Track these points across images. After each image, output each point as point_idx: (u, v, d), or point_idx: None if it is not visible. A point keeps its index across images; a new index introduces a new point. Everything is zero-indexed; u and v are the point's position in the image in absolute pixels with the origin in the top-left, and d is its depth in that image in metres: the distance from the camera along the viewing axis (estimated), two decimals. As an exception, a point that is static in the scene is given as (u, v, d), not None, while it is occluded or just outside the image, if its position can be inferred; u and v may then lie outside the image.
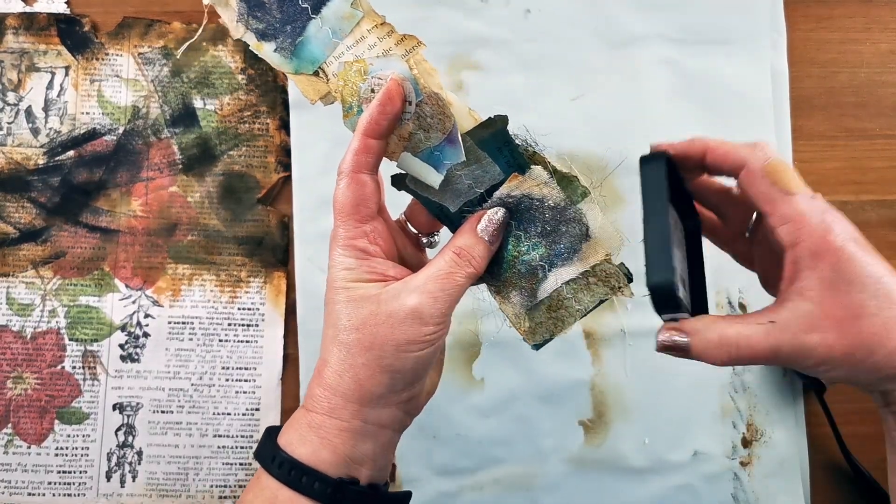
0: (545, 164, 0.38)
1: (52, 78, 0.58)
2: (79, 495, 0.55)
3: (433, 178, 0.38)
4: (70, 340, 0.56)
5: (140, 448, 0.55)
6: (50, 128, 0.57)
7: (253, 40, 0.38)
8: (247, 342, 0.56)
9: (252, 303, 0.56)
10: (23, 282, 0.56)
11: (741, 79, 0.58)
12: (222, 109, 0.58)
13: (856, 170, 0.58)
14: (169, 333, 0.56)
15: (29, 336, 0.56)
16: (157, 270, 0.56)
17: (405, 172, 0.39)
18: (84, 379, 0.55)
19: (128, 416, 0.55)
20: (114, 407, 0.55)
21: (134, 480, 0.55)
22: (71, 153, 0.57)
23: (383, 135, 0.36)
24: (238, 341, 0.56)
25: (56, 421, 0.55)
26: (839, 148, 0.59)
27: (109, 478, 0.55)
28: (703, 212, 0.41)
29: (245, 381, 0.56)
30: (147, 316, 0.56)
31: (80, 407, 0.55)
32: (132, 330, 0.56)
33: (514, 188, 0.38)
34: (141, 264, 0.56)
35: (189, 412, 0.55)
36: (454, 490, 0.55)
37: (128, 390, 0.55)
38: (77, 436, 0.55)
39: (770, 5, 0.59)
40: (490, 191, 0.38)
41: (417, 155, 0.38)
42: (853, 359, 0.32)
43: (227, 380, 0.56)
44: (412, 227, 0.41)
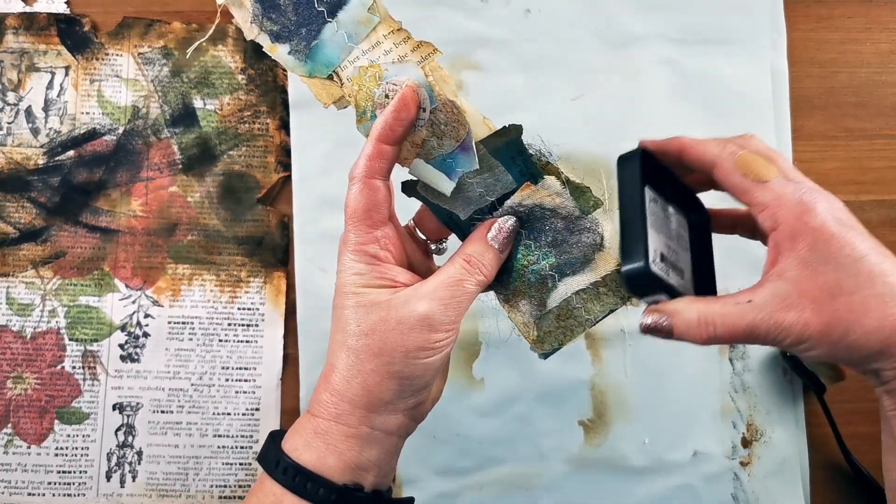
0: (558, 175, 0.38)
1: (52, 78, 0.58)
2: (79, 495, 0.55)
3: (445, 186, 0.38)
4: (70, 340, 0.56)
5: (140, 448, 0.55)
6: (50, 128, 0.57)
7: (267, 42, 0.38)
8: (247, 342, 0.56)
9: (252, 303, 0.56)
10: (23, 282, 0.56)
11: (741, 79, 0.58)
12: (222, 109, 0.58)
13: (856, 170, 0.58)
14: (169, 333, 0.56)
15: (29, 336, 0.56)
16: (157, 270, 0.56)
17: (416, 179, 0.38)
18: (84, 379, 0.55)
19: (128, 416, 0.55)
20: (114, 407, 0.55)
21: (134, 480, 0.55)
22: (71, 153, 0.57)
23: (397, 141, 0.36)
24: (238, 341, 0.56)
25: (56, 421, 0.55)
26: (839, 148, 0.59)
27: (109, 478, 0.55)
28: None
29: (245, 381, 0.56)
30: (147, 316, 0.56)
31: (80, 407, 0.55)
32: (132, 330, 0.56)
33: (527, 197, 0.38)
34: (141, 264, 0.56)
35: (189, 412, 0.55)
36: (454, 490, 0.55)
37: (128, 390, 0.55)
38: (77, 436, 0.55)
39: (770, 5, 0.59)
40: (501, 199, 0.38)
41: (430, 162, 0.38)
42: (830, 337, 0.32)
43: (227, 380, 0.56)
44: (421, 234, 0.41)
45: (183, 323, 0.56)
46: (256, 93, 0.58)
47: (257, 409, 0.56)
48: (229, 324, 0.56)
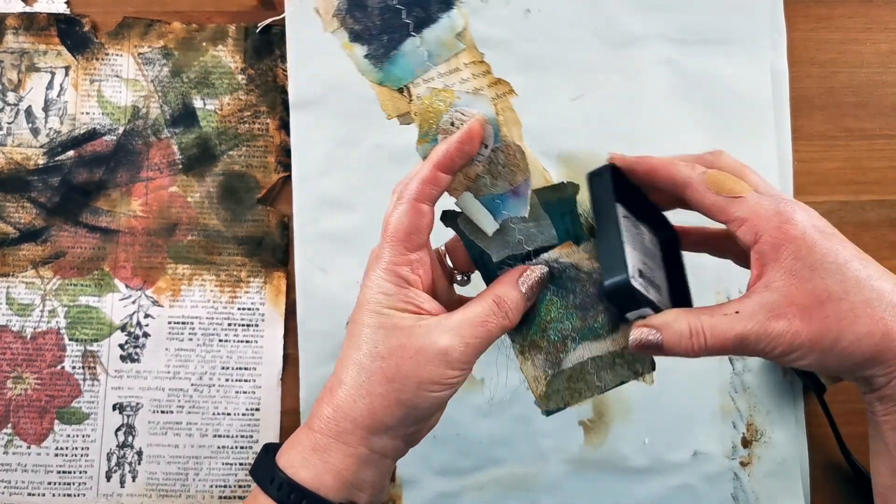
0: None
1: (52, 78, 0.58)
2: (79, 495, 0.55)
3: (488, 225, 0.38)
4: (70, 340, 0.56)
5: (140, 448, 0.55)
6: (50, 128, 0.57)
7: (344, 38, 0.37)
8: (247, 342, 0.56)
9: (252, 303, 0.56)
10: (23, 282, 0.56)
11: (741, 79, 0.58)
12: (222, 109, 0.58)
13: (856, 170, 0.58)
14: (169, 333, 0.56)
15: (29, 336, 0.56)
16: (157, 270, 0.56)
17: (459, 210, 0.38)
18: (84, 379, 0.55)
19: (128, 417, 0.55)
20: (114, 407, 0.55)
21: (134, 480, 0.55)
22: (71, 153, 0.57)
23: (453, 171, 0.36)
24: (238, 341, 0.56)
25: (56, 421, 0.55)
26: (839, 148, 0.59)
27: (109, 478, 0.55)
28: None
29: (245, 381, 0.56)
30: (147, 316, 0.56)
31: (80, 407, 0.55)
32: (132, 330, 0.56)
33: (565, 255, 0.38)
34: (141, 264, 0.56)
35: (189, 412, 0.55)
36: (454, 490, 0.55)
37: (128, 390, 0.55)
38: (77, 436, 0.55)
39: (770, 5, 0.59)
40: (538, 251, 0.38)
41: (479, 198, 0.37)
42: (821, 345, 0.32)
43: (227, 380, 0.56)
44: (450, 262, 0.40)
45: (183, 323, 0.56)
46: (256, 93, 0.58)
47: (257, 409, 0.56)
48: (229, 324, 0.56)
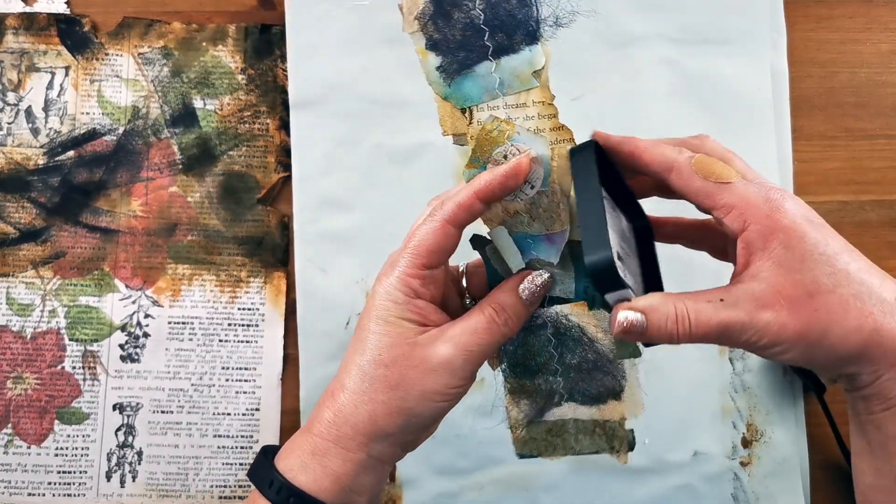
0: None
1: (52, 78, 0.58)
2: (79, 495, 0.55)
3: (514, 262, 0.37)
4: (70, 340, 0.56)
5: (140, 448, 0.55)
6: (50, 128, 0.57)
7: (421, 44, 0.36)
8: (247, 342, 0.56)
9: (252, 303, 0.56)
10: (23, 282, 0.56)
11: (741, 79, 0.58)
12: (222, 109, 0.58)
13: (856, 170, 0.58)
14: (169, 333, 0.56)
15: (29, 336, 0.56)
16: (157, 270, 0.56)
17: (489, 239, 0.38)
18: (84, 379, 0.55)
19: (128, 417, 0.55)
20: (114, 407, 0.55)
21: (134, 480, 0.55)
22: (71, 153, 0.57)
23: (492, 201, 0.36)
24: (238, 341, 0.56)
25: (56, 421, 0.55)
26: (839, 148, 0.59)
27: (109, 478, 0.55)
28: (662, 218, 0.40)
29: (245, 381, 0.56)
30: (147, 316, 0.56)
31: (80, 407, 0.55)
32: (132, 330, 0.56)
33: (575, 315, 0.38)
34: (141, 264, 0.56)
35: (189, 412, 0.55)
36: (454, 490, 0.55)
37: (128, 390, 0.55)
38: (77, 436, 0.55)
39: (770, 5, 0.59)
40: (552, 300, 0.38)
41: (512, 234, 0.37)
42: (808, 339, 0.31)
43: (227, 380, 0.56)
44: (465, 282, 0.40)
45: (183, 323, 0.56)
46: (256, 93, 0.58)
47: (257, 409, 0.56)
48: (229, 324, 0.56)
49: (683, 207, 0.36)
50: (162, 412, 0.55)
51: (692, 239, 0.41)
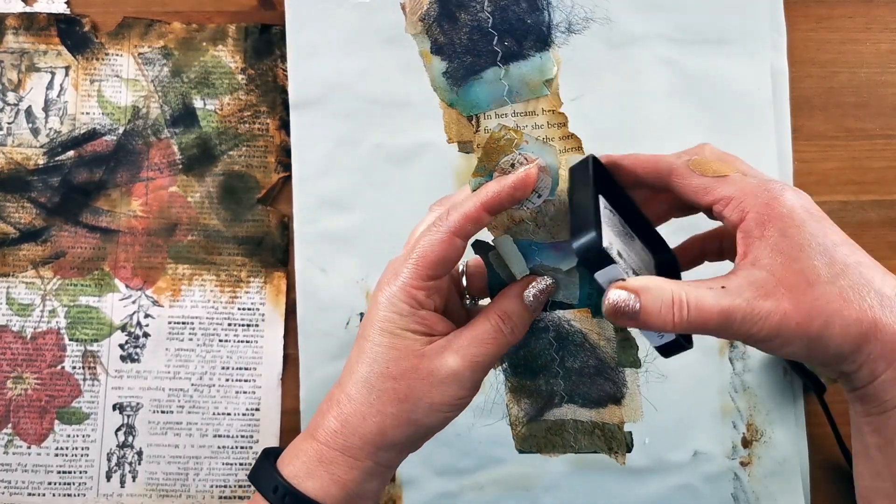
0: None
1: (52, 78, 0.58)
2: (79, 495, 0.55)
3: (518, 269, 0.37)
4: (70, 340, 0.56)
5: (140, 448, 0.55)
6: (50, 128, 0.57)
7: (425, 46, 0.34)
8: (247, 342, 0.56)
9: (252, 303, 0.56)
10: (23, 282, 0.56)
11: (741, 79, 0.58)
12: (222, 109, 0.58)
13: (856, 170, 0.58)
14: (169, 333, 0.56)
15: (29, 336, 0.56)
16: (157, 270, 0.56)
17: (492, 245, 0.38)
18: (84, 379, 0.55)
19: (128, 416, 0.55)
20: (114, 407, 0.55)
21: (134, 480, 0.55)
22: (71, 153, 0.57)
23: (499, 212, 0.35)
24: (238, 341, 0.56)
25: (56, 421, 0.55)
26: (839, 148, 0.59)
27: (109, 478, 0.55)
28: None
29: (245, 381, 0.56)
30: (147, 316, 0.56)
31: (80, 407, 0.55)
32: (132, 330, 0.56)
33: (577, 321, 0.37)
34: (141, 264, 0.56)
35: (189, 412, 0.55)
36: (454, 490, 0.55)
37: (128, 390, 0.55)
38: (77, 436, 0.55)
39: (770, 5, 0.59)
40: (554, 305, 0.37)
41: (516, 241, 0.37)
42: (809, 330, 0.30)
43: (227, 380, 0.56)
44: (465, 282, 0.40)
45: (183, 323, 0.56)
46: (256, 93, 0.58)
47: (257, 409, 0.56)
48: (229, 324, 0.56)
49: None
50: (162, 412, 0.55)
51: (713, 252, 0.40)
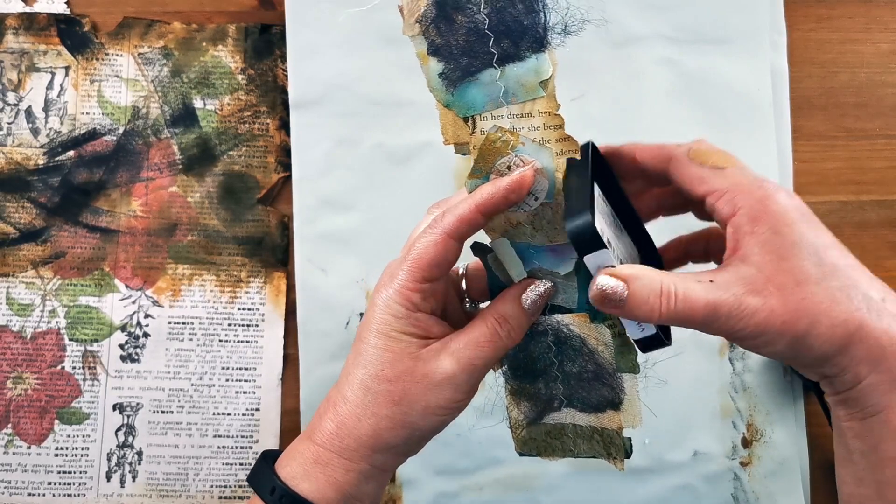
0: (615, 327, 0.37)
1: (52, 78, 0.58)
2: (79, 495, 0.55)
3: (516, 272, 0.37)
4: (70, 340, 0.56)
5: (140, 448, 0.55)
6: (50, 128, 0.57)
7: (422, 47, 0.34)
8: (247, 342, 0.56)
9: (252, 303, 0.56)
10: (23, 282, 0.56)
11: (741, 79, 0.58)
12: (222, 109, 0.58)
13: (856, 170, 0.58)
14: (169, 333, 0.56)
15: (29, 336, 0.56)
16: (157, 270, 0.56)
17: (490, 248, 0.38)
18: (84, 379, 0.55)
19: (128, 417, 0.55)
20: (114, 407, 0.55)
21: (134, 480, 0.55)
22: (71, 153, 0.57)
23: (493, 215, 0.35)
24: (238, 341, 0.56)
25: (56, 421, 0.55)
26: (839, 148, 0.59)
27: (109, 478, 0.55)
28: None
29: (245, 381, 0.56)
30: (147, 316, 0.56)
31: (80, 407, 0.55)
32: (132, 330, 0.56)
33: (576, 325, 0.37)
34: (141, 264, 0.56)
35: (189, 412, 0.55)
36: (454, 490, 0.55)
37: (128, 390, 0.55)
38: (77, 436, 0.55)
39: (770, 5, 0.59)
40: (553, 308, 0.37)
41: (514, 244, 0.37)
42: (795, 329, 0.30)
43: (227, 380, 0.56)
44: (464, 285, 0.40)
45: (183, 323, 0.56)
46: (256, 93, 0.58)
47: (257, 409, 0.56)
48: (229, 324, 0.56)
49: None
50: (162, 412, 0.55)
51: (698, 254, 0.40)
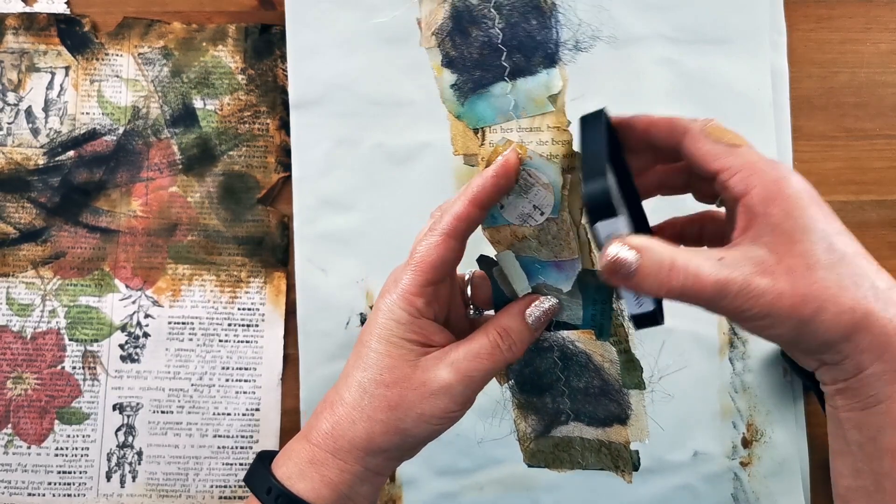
0: (620, 344, 0.37)
1: (52, 78, 0.58)
2: (79, 495, 0.55)
3: (521, 286, 0.37)
4: (70, 340, 0.56)
5: (140, 448, 0.55)
6: (50, 128, 0.57)
7: (437, 59, 0.35)
8: (247, 342, 0.56)
9: (252, 303, 0.56)
10: (23, 282, 0.56)
11: (741, 79, 0.58)
12: (222, 109, 0.58)
13: (856, 170, 0.58)
14: (169, 333, 0.56)
15: (29, 336, 0.56)
16: (157, 270, 0.56)
17: (496, 261, 0.37)
18: (84, 379, 0.55)
19: (128, 417, 0.55)
20: (114, 407, 0.55)
21: (134, 480, 0.55)
22: (71, 153, 0.57)
23: (489, 206, 0.35)
24: (238, 341, 0.56)
25: (56, 421, 0.55)
26: (839, 148, 0.59)
27: (109, 478, 0.55)
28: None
29: (245, 381, 0.56)
30: (147, 316, 0.56)
31: (80, 407, 0.55)
32: (132, 330, 0.56)
33: (582, 342, 0.37)
34: (141, 264, 0.56)
35: (189, 412, 0.55)
36: (454, 490, 0.55)
37: (128, 390, 0.55)
38: (77, 436, 0.55)
39: (770, 5, 0.59)
40: (558, 324, 0.37)
41: (519, 258, 0.36)
42: (801, 313, 0.30)
43: (227, 380, 0.56)
44: (469, 293, 0.40)
45: (183, 323, 0.56)
46: (256, 93, 0.58)
47: (257, 409, 0.56)
48: (229, 324, 0.56)
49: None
50: (162, 412, 0.55)
51: (692, 237, 0.40)
